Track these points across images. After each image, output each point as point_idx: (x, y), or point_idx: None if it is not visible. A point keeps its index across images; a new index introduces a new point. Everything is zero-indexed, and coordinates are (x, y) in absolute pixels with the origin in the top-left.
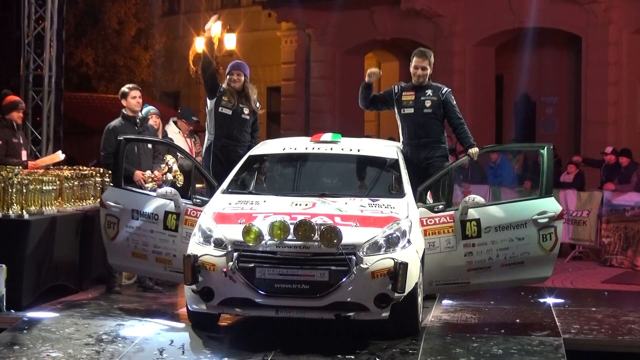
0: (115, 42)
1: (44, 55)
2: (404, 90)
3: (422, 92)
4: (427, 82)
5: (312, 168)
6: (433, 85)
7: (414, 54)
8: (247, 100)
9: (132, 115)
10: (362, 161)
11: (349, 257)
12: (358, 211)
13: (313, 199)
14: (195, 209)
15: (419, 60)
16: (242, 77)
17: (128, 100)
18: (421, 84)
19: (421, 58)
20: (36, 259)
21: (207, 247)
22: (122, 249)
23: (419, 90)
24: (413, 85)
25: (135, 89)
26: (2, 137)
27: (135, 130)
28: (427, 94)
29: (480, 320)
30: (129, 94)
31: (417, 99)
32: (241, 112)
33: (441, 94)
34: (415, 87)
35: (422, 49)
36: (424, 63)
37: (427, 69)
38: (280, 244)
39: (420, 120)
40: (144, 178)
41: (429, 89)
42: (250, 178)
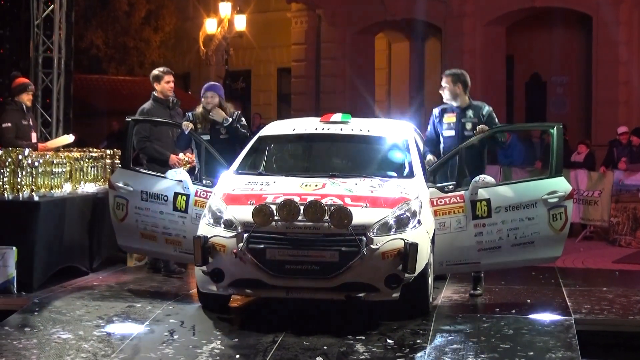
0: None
1: (53, 37)
2: (445, 112)
3: (462, 113)
4: (469, 102)
5: (322, 149)
6: (474, 104)
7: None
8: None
9: (163, 98)
10: (372, 141)
11: (359, 237)
12: (368, 192)
13: (323, 179)
14: (205, 190)
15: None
16: (215, 99)
17: (162, 84)
18: (460, 105)
19: (442, 77)
20: (46, 241)
21: (217, 228)
22: (131, 230)
23: (459, 112)
24: (453, 107)
25: (168, 73)
26: (12, 119)
27: (167, 112)
28: (467, 116)
29: (490, 301)
30: (163, 78)
31: (457, 121)
32: (219, 133)
33: (482, 115)
34: (456, 108)
35: (449, 70)
36: (445, 80)
37: (447, 86)
38: (290, 225)
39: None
40: (180, 161)
41: (470, 110)
42: (260, 159)
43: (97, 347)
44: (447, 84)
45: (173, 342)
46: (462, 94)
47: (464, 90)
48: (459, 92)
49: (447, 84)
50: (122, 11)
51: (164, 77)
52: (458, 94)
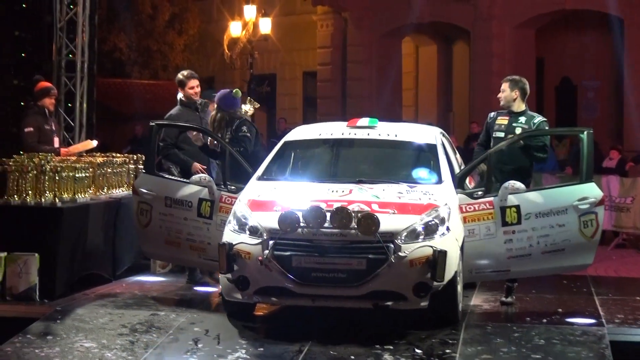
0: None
1: (76, 41)
2: (500, 114)
3: (515, 118)
4: (524, 109)
5: (348, 154)
6: (529, 113)
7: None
8: (228, 124)
9: (189, 102)
10: (399, 146)
11: (387, 245)
12: (396, 198)
13: (350, 185)
14: (230, 196)
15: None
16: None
17: (185, 90)
18: (514, 110)
19: (502, 82)
20: (69, 248)
21: (242, 235)
22: (155, 236)
23: (513, 116)
24: (509, 111)
25: (192, 77)
26: (35, 124)
27: (196, 115)
28: (519, 121)
29: (521, 310)
30: (187, 84)
31: (509, 125)
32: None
33: (533, 123)
34: (511, 113)
35: (510, 76)
36: (503, 85)
37: (505, 91)
38: (317, 232)
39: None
40: (202, 170)
41: (523, 116)
42: (286, 164)
43: (120, 356)
44: (505, 89)
45: (197, 351)
46: (519, 100)
47: (522, 97)
48: (516, 99)
49: (505, 89)
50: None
51: (188, 83)
52: (515, 100)
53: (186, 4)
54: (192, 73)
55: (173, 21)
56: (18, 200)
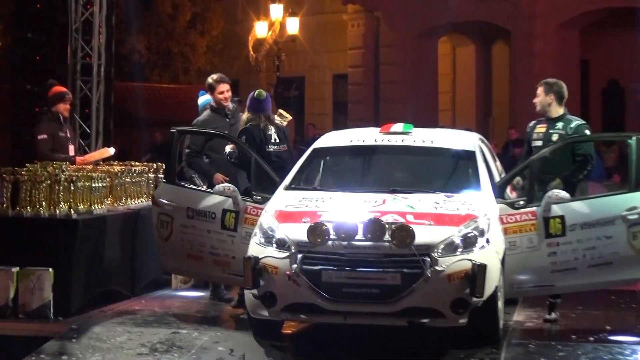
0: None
1: (92, 43)
2: (539, 122)
3: (552, 124)
4: (562, 114)
5: (381, 162)
6: (567, 118)
7: None
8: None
9: (219, 107)
10: (436, 153)
11: (423, 258)
12: (432, 208)
13: (383, 195)
14: (255, 207)
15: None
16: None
17: (215, 94)
18: (551, 116)
19: (537, 86)
20: (85, 262)
21: (269, 248)
22: (176, 250)
23: (550, 122)
24: (547, 118)
25: (222, 81)
26: (48, 130)
27: (226, 122)
28: (556, 127)
29: (566, 327)
30: (216, 88)
31: (546, 132)
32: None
33: (569, 128)
34: (548, 119)
35: (544, 79)
36: (538, 90)
37: (539, 96)
38: (348, 244)
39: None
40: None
41: (561, 122)
42: (315, 173)
43: None
44: (540, 94)
45: None
46: (555, 105)
47: (558, 101)
48: (551, 103)
49: (539, 93)
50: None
51: (217, 87)
52: (550, 105)
53: (209, 3)
54: (223, 77)
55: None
56: (31, 211)
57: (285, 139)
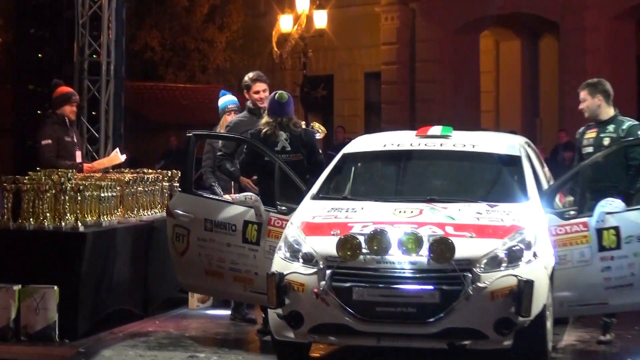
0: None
1: (101, 39)
2: (589, 128)
3: (603, 128)
4: (613, 115)
5: (418, 168)
6: (618, 119)
7: None
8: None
9: (255, 108)
10: (477, 159)
11: (464, 274)
12: (474, 219)
13: (420, 205)
14: (280, 218)
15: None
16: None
17: (250, 94)
18: (602, 119)
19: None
20: (94, 279)
21: (295, 263)
22: (193, 266)
23: (601, 126)
24: (597, 122)
25: (258, 80)
26: (53, 135)
27: None
28: (607, 130)
29: (622, 349)
30: (252, 88)
31: (597, 136)
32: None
33: (621, 130)
34: (598, 123)
35: (585, 81)
36: (582, 94)
37: (586, 100)
38: (382, 259)
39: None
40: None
41: (612, 124)
42: (345, 181)
43: None
44: (586, 98)
45: None
46: (605, 106)
47: (606, 101)
48: (600, 105)
49: (585, 97)
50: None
51: (253, 86)
52: (599, 107)
53: None
54: (259, 75)
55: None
56: (34, 224)
57: (301, 147)
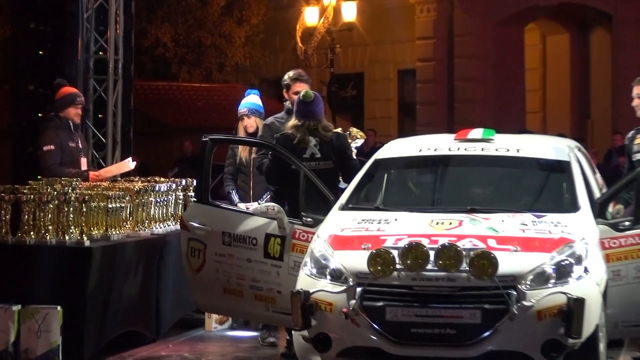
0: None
1: (108, 34)
2: (639, 132)
3: None
4: None
5: (457, 175)
6: None
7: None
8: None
9: None
10: (522, 165)
11: (508, 291)
12: (518, 231)
13: (459, 215)
14: (305, 231)
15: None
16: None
17: (289, 94)
18: None
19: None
20: (101, 299)
21: (322, 280)
22: (210, 283)
23: None
24: None
25: (299, 79)
26: (56, 140)
27: None
28: None
29: None
30: (291, 88)
31: None
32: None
33: None
34: None
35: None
36: (635, 89)
37: (636, 96)
38: (418, 275)
39: None
40: None
41: None
42: (377, 189)
43: None
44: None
45: None
46: None
47: None
48: None
49: (638, 93)
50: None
51: (292, 86)
52: None
53: None
54: (300, 75)
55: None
56: (35, 238)
57: (332, 154)
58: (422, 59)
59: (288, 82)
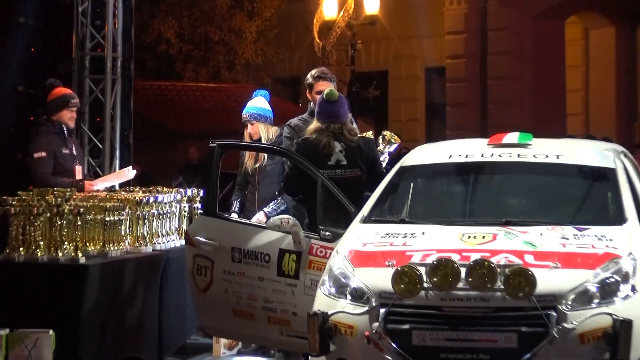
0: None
1: (105, 29)
2: None
3: None
4: None
5: (491, 184)
6: None
7: None
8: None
9: None
10: (563, 172)
11: (547, 312)
12: (558, 245)
13: (493, 228)
14: (323, 246)
15: None
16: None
17: (312, 95)
18: None
19: None
20: (97, 322)
21: (342, 301)
22: (218, 304)
23: None
24: None
25: (321, 78)
26: (48, 147)
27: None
28: None
29: None
30: (314, 87)
31: None
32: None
33: None
34: None
35: None
36: None
37: None
38: (448, 295)
39: None
40: None
41: None
42: (402, 200)
43: None
44: None
45: None
46: None
47: None
48: None
49: None
50: None
51: (315, 85)
52: None
53: None
54: (323, 72)
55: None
56: (24, 254)
57: (360, 161)
58: (452, 56)
59: (311, 81)
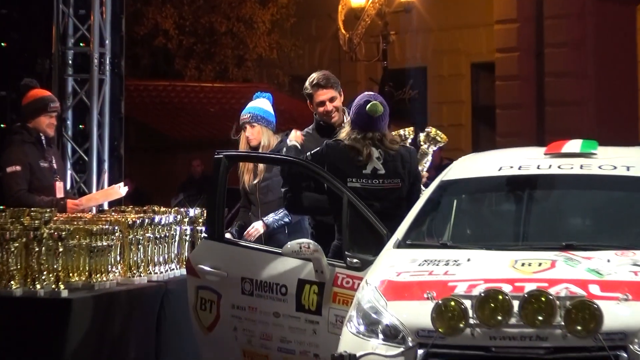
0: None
1: (91, 19)
2: None
3: None
4: None
5: (548, 201)
6: None
7: None
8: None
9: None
10: (634, 187)
11: (617, 353)
12: (629, 274)
13: (551, 254)
14: (350, 276)
15: None
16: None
17: (313, 106)
18: None
19: None
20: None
21: (373, 340)
22: (226, 345)
23: None
24: None
25: (321, 86)
26: (23, 159)
27: None
28: None
29: None
30: (314, 97)
31: None
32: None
33: None
34: None
35: None
36: None
37: None
38: (498, 333)
39: None
40: None
41: None
42: (444, 220)
43: None
44: None
45: None
46: None
47: None
48: None
49: None
50: None
51: (314, 95)
52: None
53: None
54: (324, 77)
55: None
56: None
57: (402, 172)
58: (503, 49)
59: (309, 90)
